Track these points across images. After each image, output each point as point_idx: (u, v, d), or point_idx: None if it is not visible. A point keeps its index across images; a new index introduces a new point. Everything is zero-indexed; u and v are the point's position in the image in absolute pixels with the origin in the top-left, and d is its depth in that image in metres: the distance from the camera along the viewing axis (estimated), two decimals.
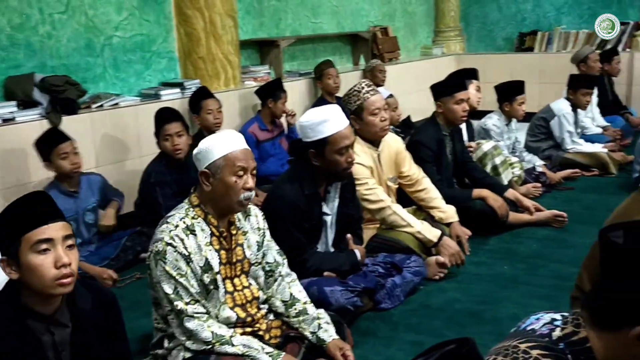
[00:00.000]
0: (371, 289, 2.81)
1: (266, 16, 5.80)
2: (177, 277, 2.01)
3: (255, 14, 5.68)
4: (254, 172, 2.13)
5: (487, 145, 4.37)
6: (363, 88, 3.29)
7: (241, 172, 2.08)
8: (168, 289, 2.02)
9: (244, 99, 5.07)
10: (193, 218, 2.10)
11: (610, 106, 6.20)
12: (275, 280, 2.29)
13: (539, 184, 4.57)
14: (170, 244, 2.02)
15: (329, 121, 2.66)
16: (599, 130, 5.73)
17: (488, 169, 4.26)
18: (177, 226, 2.06)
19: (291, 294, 2.28)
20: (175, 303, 2.01)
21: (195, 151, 2.14)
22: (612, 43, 6.98)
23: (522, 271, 3.30)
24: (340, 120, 2.70)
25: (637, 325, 1.10)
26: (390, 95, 4.96)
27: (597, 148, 5.21)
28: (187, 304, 2.02)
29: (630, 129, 6.06)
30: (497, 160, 4.30)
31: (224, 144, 2.09)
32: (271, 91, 4.77)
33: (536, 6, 7.81)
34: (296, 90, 5.53)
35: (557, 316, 1.26)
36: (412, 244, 3.21)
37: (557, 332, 1.21)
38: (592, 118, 5.79)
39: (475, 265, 3.38)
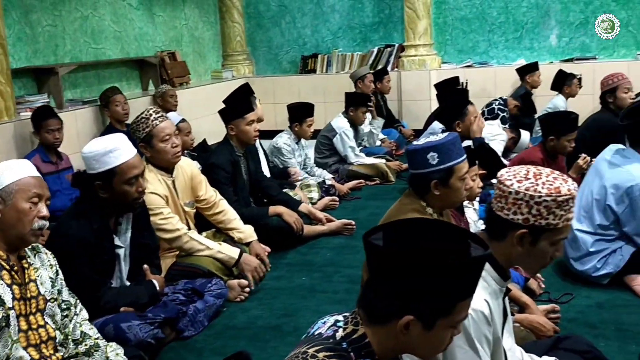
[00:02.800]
0: (172, 318, 2.75)
1: (41, 42, 5.38)
2: None
3: (28, 41, 5.25)
4: (48, 202, 2.07)
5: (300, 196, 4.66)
6: (151, 115, 3.22)
7: (36, 199, 2.01)
8: None
9: (20, 130, 4.64)
10: None
11: (385, 120, 6.90)
12: (71, 319, 2.17)
13: (336, 198, 4.90)
14: None
15: (115, 151, 2.56)
16: (378, 143, 6.33)
17: None
18: None
19: (82, 332, 2.18)
20: None
21: None
22: (382, 64, 7.76)
23: (318, 280, 3.50)
24: (127, 149, 2.61)
25: (403, 316, 1.24)
26: (183, 120, 4.92)
27: (377, 159, 5.75)
28: None
29: (404, 140, 6.81)
30: None
31: (16, 169, 2.03)
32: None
33: (314, 31, 8.36)
34: (81, 119, 5.22)
35: (340, 317, 1.37)
36: (212, 267, 3.22)
37: (340, 333, 1.31)
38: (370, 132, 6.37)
39: (276, 280, 3.50)
